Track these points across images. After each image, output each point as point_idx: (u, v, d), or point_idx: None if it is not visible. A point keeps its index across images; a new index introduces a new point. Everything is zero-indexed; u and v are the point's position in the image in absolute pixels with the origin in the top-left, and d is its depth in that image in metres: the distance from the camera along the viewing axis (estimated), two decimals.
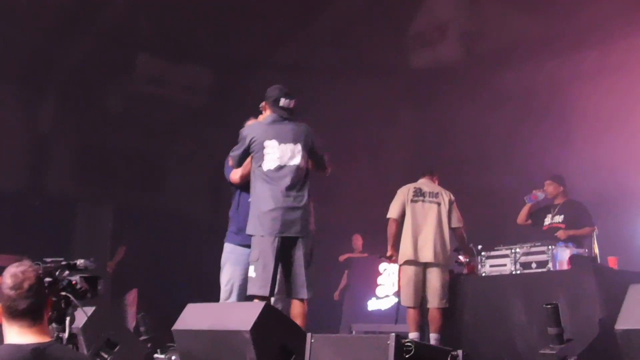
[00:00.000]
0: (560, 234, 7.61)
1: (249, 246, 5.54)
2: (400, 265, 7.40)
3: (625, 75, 9.52)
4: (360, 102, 12.06)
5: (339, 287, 11.20)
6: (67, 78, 11.95)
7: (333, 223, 11.34)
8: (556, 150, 9.74)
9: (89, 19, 11.35)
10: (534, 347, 5.78)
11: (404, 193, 7.45)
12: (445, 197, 7.42)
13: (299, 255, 5.33)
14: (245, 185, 5.78)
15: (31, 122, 12.07)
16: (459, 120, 11.11)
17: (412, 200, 7.38)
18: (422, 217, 7.33)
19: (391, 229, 7.40)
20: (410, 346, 3.75)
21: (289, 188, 5.38)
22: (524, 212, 8.26)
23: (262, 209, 5.38)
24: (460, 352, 3.91)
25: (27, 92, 11.85)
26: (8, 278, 2.91)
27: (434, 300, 7.17)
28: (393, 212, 7.41)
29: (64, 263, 3.88)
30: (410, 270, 7.26)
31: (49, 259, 3.81)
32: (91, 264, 4.12)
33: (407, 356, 3.73)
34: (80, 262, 4.08)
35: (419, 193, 7.42)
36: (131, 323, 10.37)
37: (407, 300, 7.26)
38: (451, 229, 7.40)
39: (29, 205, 11.27)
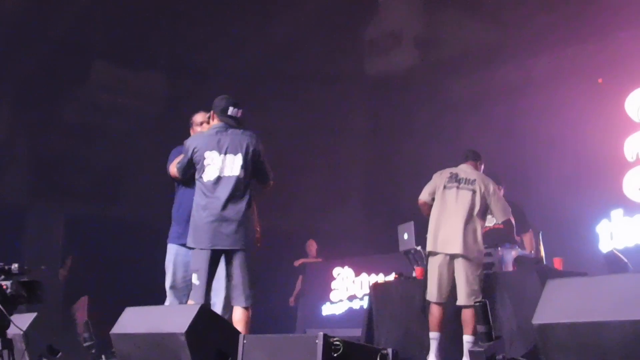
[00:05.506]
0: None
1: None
2: (426, 256, 6.79)
3: (577, 82, 9.64)
4: (314, 110, 12.10)
5: (294, 292, 11.21)
6: (21, 87, 11.85)
7: (287, 229, 11.37)
8: (511, 155, 9.85)
9: (42, 28, 11.27)
10: None
11: (438, 177, 6.80)
12: (483, 185, 6.62)
13: (235, 266, 5.36)
14: (186, 181, 5.77)
15: None
16: (414, 126, 11.19)
17: (445, 187, 6.68)
18: (452, 204, 6.59)
19: (423, 211, 6.84)
20: (338, 345, 3.78)
21: (227, 200, 5.36)
22: None
23: (198, 222, 5.42)
24: (390, 350, 3.93)
25: None
26: None
27: (460, 297, 6.43)
28: (424, 195, 6.80)
29: None
30: (434, 261, 6.57)
31: None
32: (28, 269, 4.08)
33: (335, 355, 3.75)
34: (14, 266, 4.04)
35: (454, 179, 6.69)
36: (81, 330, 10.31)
37: (430, 294, 6.56)
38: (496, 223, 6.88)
39: None
